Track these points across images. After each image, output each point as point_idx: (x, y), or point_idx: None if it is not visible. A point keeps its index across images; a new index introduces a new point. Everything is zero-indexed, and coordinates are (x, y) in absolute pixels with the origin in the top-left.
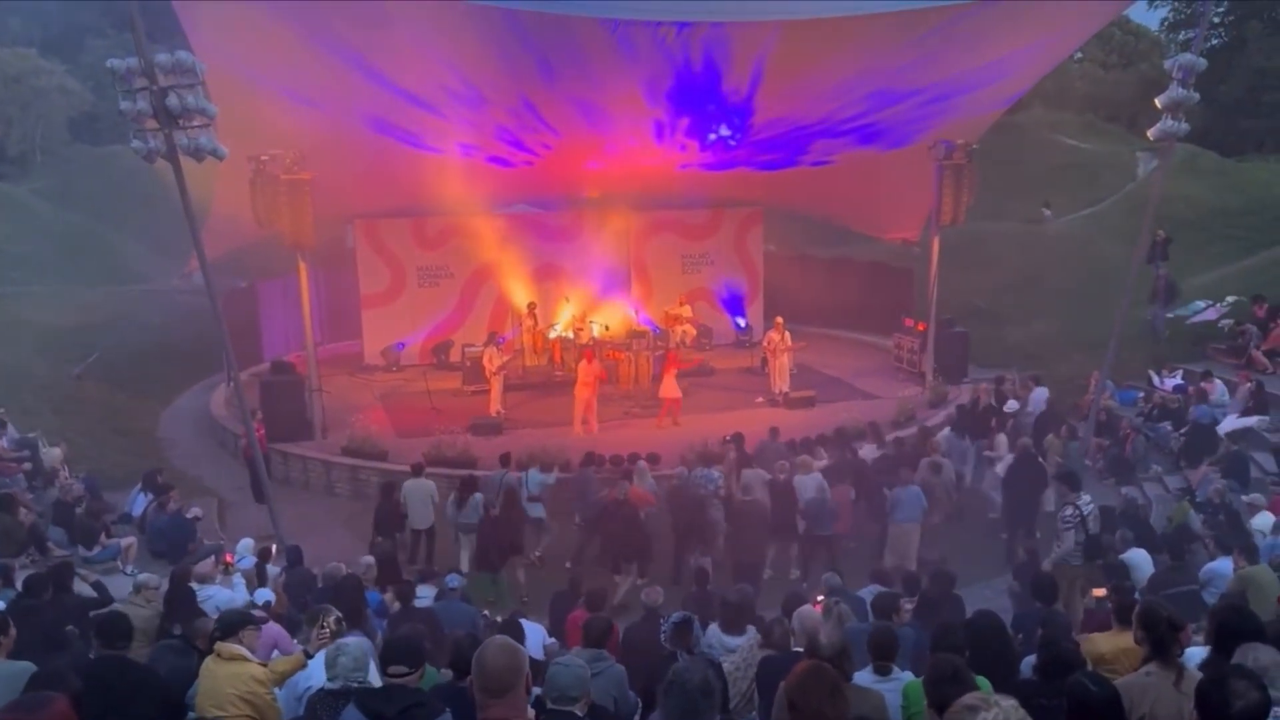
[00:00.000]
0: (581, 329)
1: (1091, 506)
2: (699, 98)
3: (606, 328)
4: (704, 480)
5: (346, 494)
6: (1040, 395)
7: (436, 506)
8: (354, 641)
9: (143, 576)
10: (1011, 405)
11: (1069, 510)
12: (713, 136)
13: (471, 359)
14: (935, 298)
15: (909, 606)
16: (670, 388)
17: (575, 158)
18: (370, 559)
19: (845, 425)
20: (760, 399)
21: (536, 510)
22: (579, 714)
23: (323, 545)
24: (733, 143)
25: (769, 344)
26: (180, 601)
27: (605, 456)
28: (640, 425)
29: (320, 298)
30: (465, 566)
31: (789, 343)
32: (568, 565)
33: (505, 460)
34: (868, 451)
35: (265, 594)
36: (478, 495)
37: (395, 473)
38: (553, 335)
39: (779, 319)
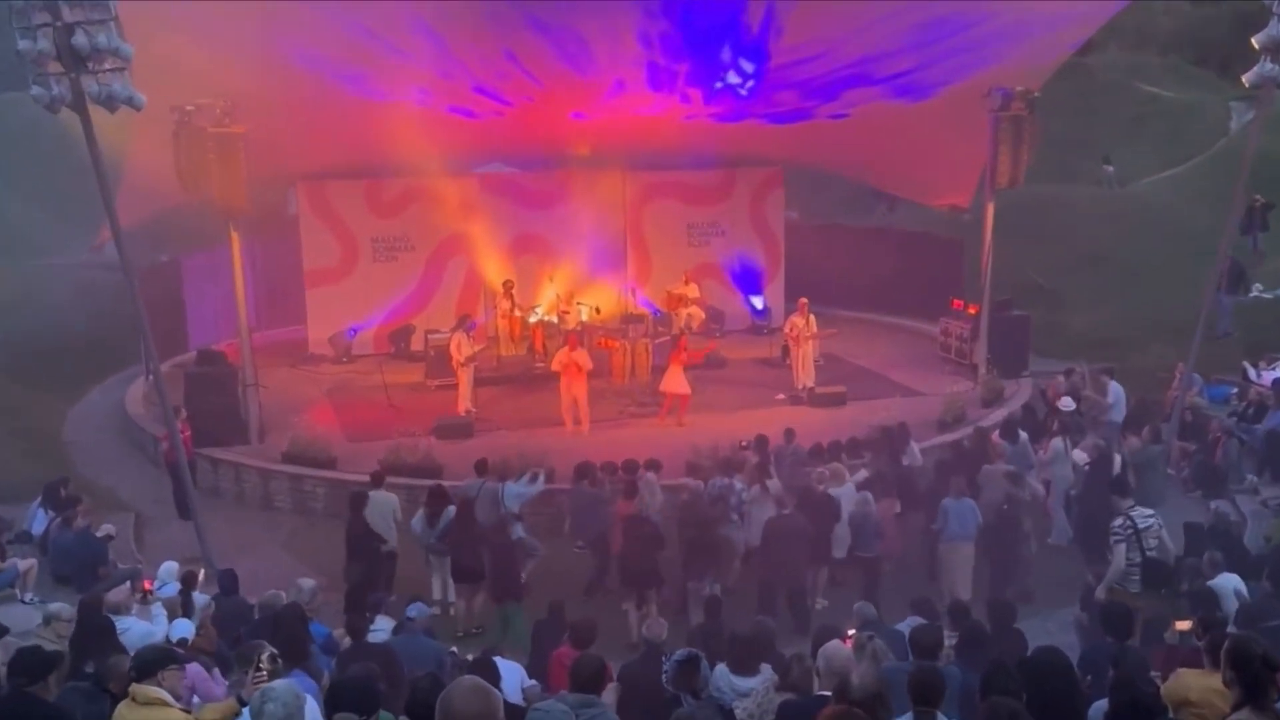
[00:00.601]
0: (567, 312)
1: (1151, 520)
2: (703, 33)
3: (597, 311)
4: (723, 492)
5: (288, 508)
6: (1118, 392)
7: (399, 525)
8: (283, 685)
9: (55, 606)
10: (1067, 404)
11: (1119, 521)
12: (719, 84)
13: (437, 348)
14: (990, 275)
15: (951, 642)
16: (677, 381)
17: (557, 107)
18: (312, 583)
19: (889, 426)
20: (781, 396)
21: (516, 530)
22: None
23: (259, 569)
24: (743, 91)
25: (791, 330)
26: (92, 635)
27: (597, 465)
28: (638, 426)
29: (256, 274)
30: (438, 594)
31: (815, 329)
32: (585, 598)
33: (483, 468)
34: (912, 457)
35: (186, 627)
36: (450, 510)
37: (348, 483)
38: (533, 320)
39: (803, 301)
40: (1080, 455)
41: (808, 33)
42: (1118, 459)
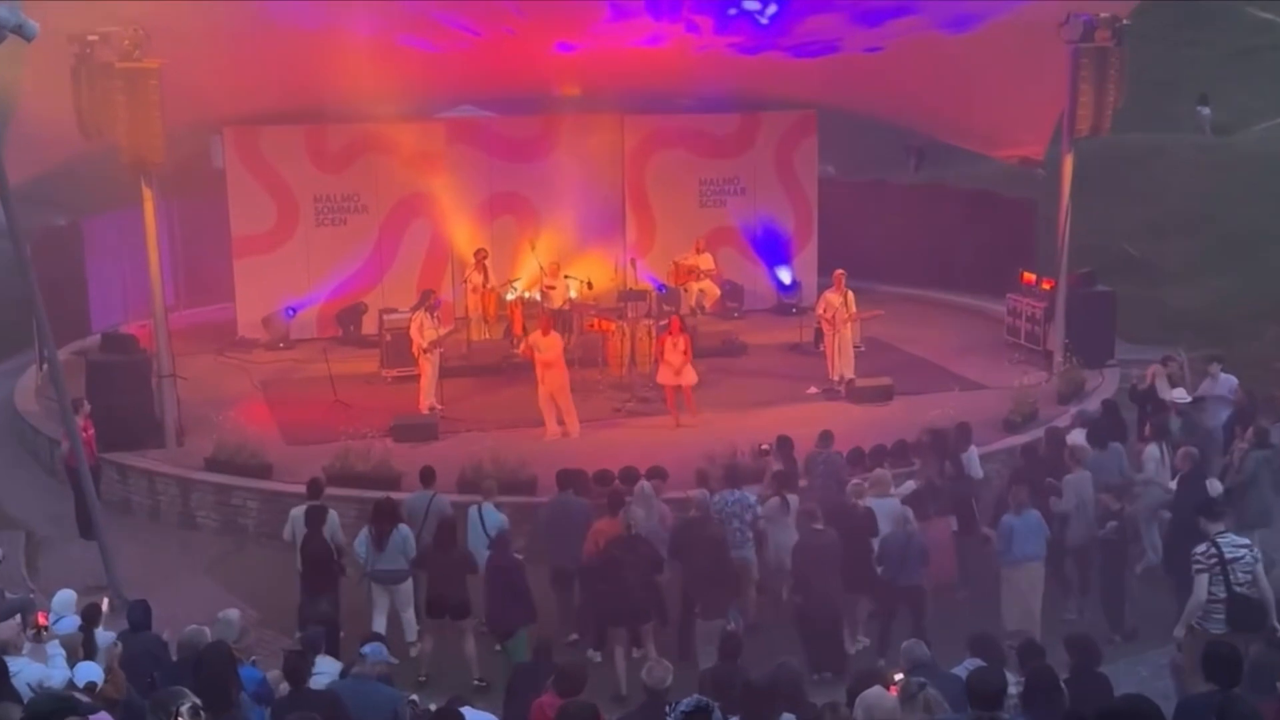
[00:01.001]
0: (553, 287)
1: (1244, 551)
2: None
3: (589, 286)
4: (734, 508)
5: (213, 526)
6: (1228, 384)
7: (341, 546)
8: None
9: None
10: (1179, 395)
11: (1202, 548)
12: (733, 10)
13: (394, 331)
14: (1067, 242)
15: (1018, 689)
16: (677, 370)
17: (539, 37)
18: (234, 615)
19: (939, 429)
20: (813, 389)
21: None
22: None
23: (178, 600)
24: (763, 19)
25: (826, 310)
26: None
27: (589, 474)
28: (639, 426)
29: (174, 241)
30: (382, 630)
31: (854, 308)
32: (573, 638)
33: (428, 477)
34: (973, 465)
35: (93, 670)
36: (403, 529)
37: (286, 495)
38: (511, 296)
39: (840, 273)
40: (1154, 457)
41: None
42: (1217, 470)
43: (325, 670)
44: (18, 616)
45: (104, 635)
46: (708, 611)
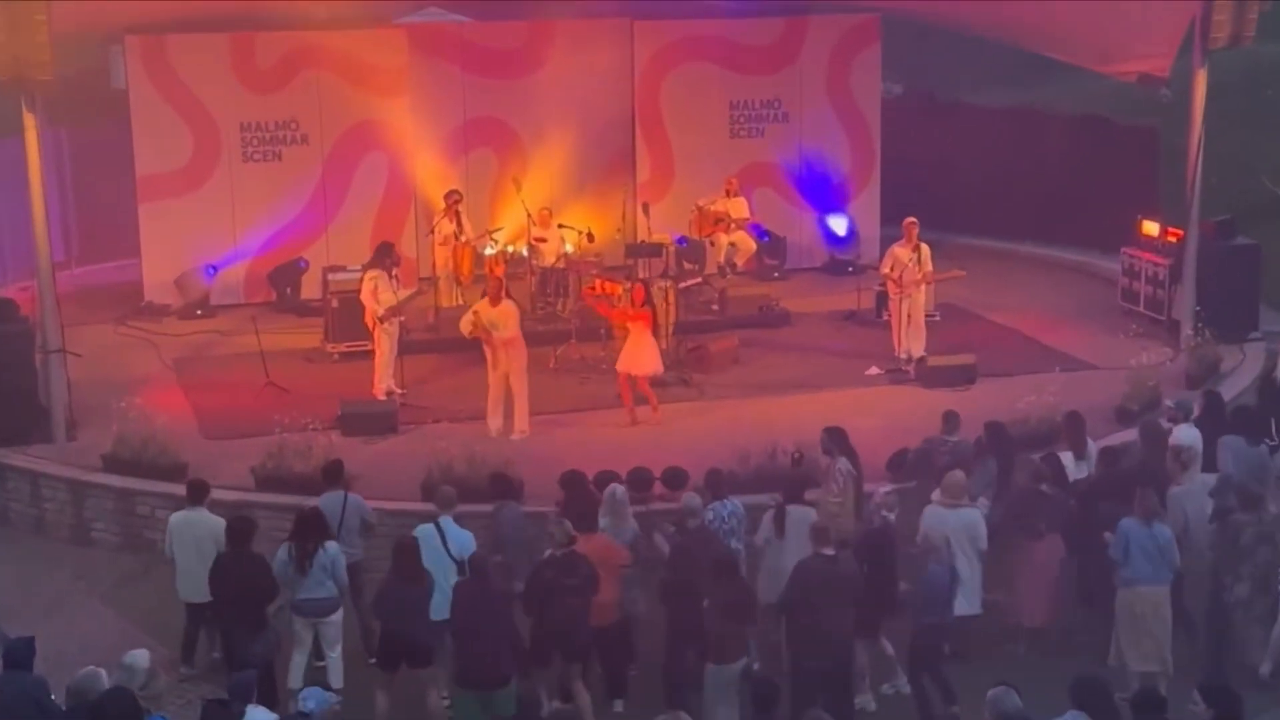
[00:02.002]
0: (544, 240)
1: None
2: None
3: (590, 238)
4: (730, 522)
5: (112, 541)
6: None
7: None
8: None
9: None
10: None
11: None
12: None
13: (342, 295)
14: (1200, 182)
15: None
16: (640, 354)
17: None
18: (140, 654)
19: (996, 428)
20: (874, 369)
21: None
22: None
23: (68, 634)
24: None
25: (894, 268)
26: None
27: (589, 476)
28: (651, 418)
29: (64, 181)
30: (296, 682)
31: (928, 266)
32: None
33: (333, 472)
34: (1071, 464)
35: None
36: (331, 547)
37: (228, 506)
38: (490, 252)
39: (912, 223)
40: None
41: None
42: None
43: None
44: None
45: None
46: (724, 652)
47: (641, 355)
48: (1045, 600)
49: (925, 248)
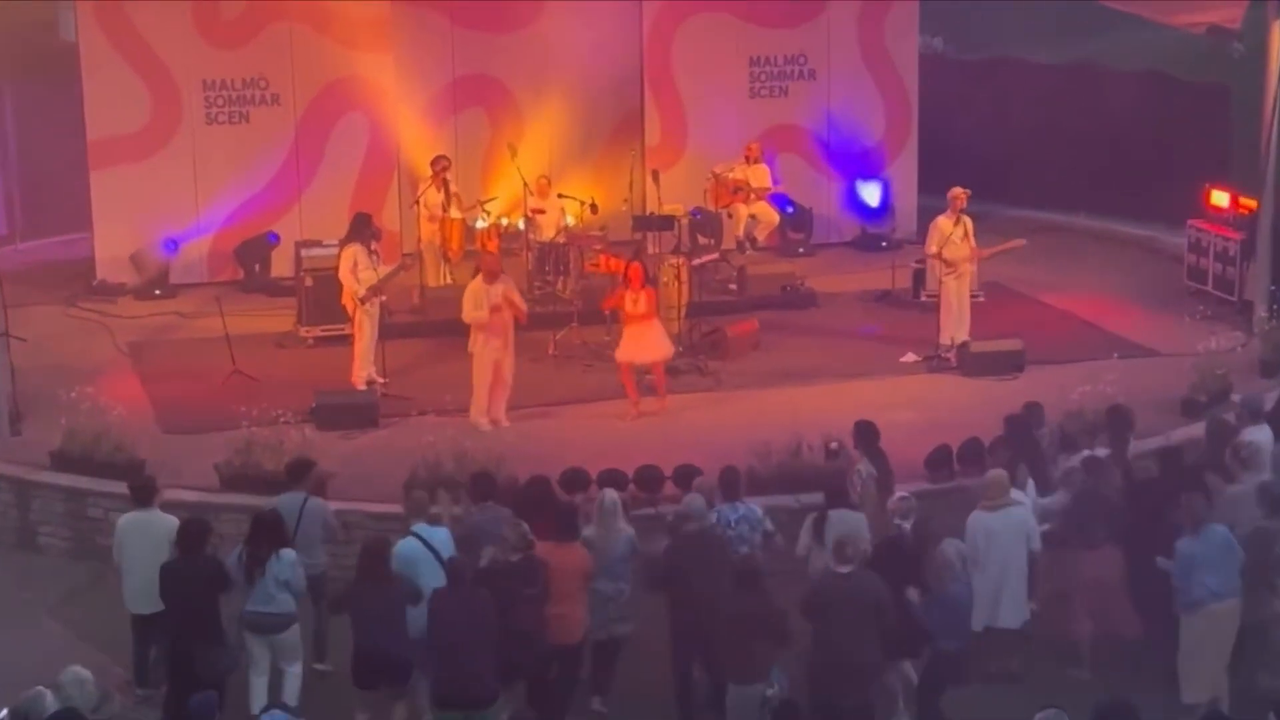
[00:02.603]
0: (542, 211)
1: None
2: None
3: (593, 209)
4: (740, 528)
5: (61, 546)
6: None
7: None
8: None
9: None
10: None
11: None
12: None
13: (317, 273)
14: (1276, 146)
15: None
16: (643, 340)
17: None
18: (82, 673)
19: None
20: (910, 356)
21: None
22: None
23: (12, 651)
24: None
25: (938, 241)
26: None
27: (591, 475)
28: (657, 410)
29: (8, 145)
30: (256, 707)
31: (974, 243)
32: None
33: (299, 470)
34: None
35: None
36: (287, 555)
37: (171, 506)
38: (482, 225)
39: (958, 192)
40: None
41: None
42: None
43: None
44: None
45: None
46: (740, 671)
47: (645, 341)
48: (1102, 615)
49: (968, 220)
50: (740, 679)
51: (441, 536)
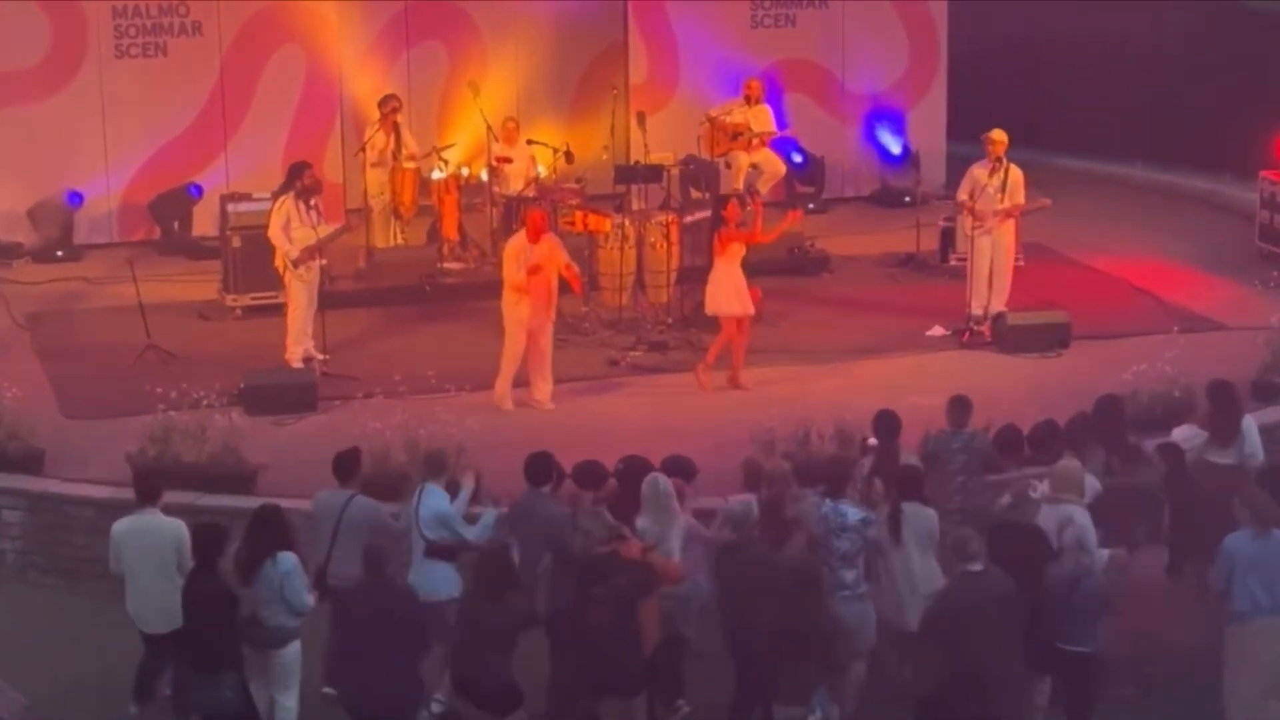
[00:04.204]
0: (509, 160)
1: None
2: None
3: (568, 158)
4: (824, 521)
5: None
6: None
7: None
8: None
9: None
10: None
11: None
12: None
13: (246, 232)
14: None
15: None
16: (729, 292)
17: None
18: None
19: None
20: (938, 329)
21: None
22: None
23: None
24: None
25: (975, 196)
26: None
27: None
28: (648, 390)
29: None
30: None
31: (1018, 197)
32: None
33: (346, 466)
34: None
35: None
36: (286, 560)
37: (69, 500)
38: (437, 176)
39: (998, 138)
40: None
41: None
42: None
43: None
44: None
45: None
46: (786, 690)
47: (733, 292)
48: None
49: (1016, 171)
50: (785, 698)
51: (435, 509)
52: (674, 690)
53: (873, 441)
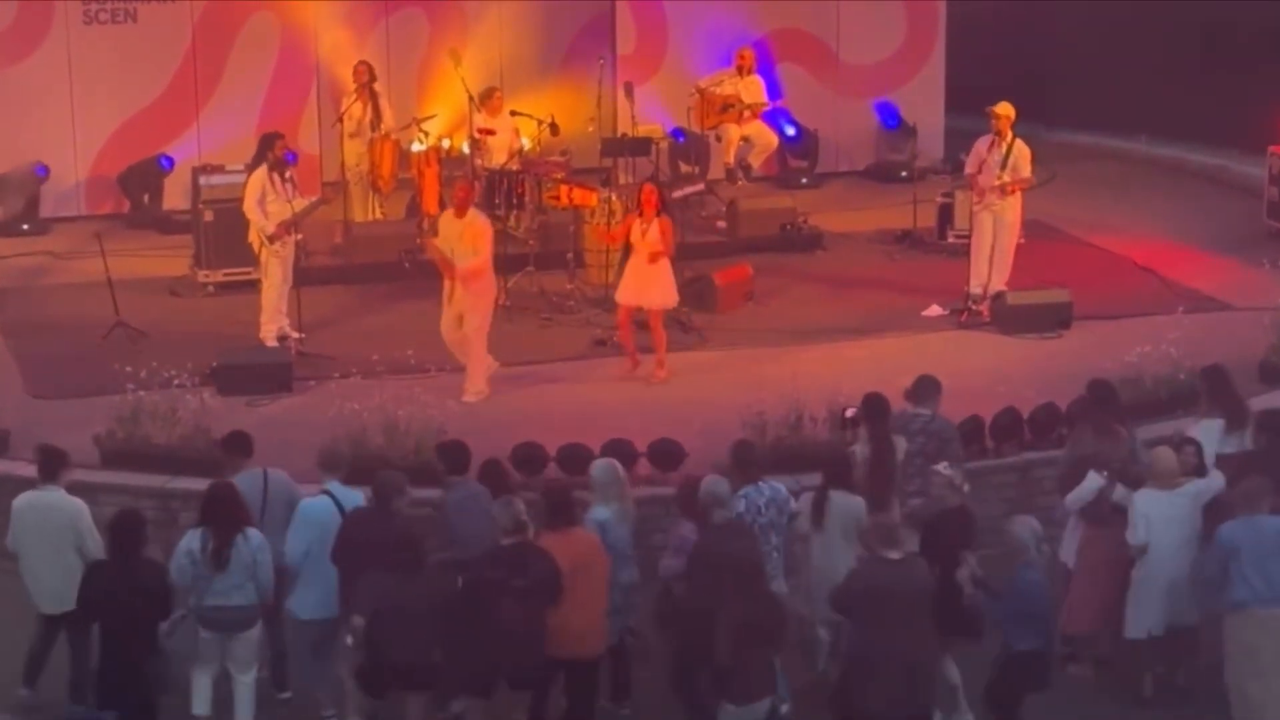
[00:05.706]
0: (491, 132)
1: None
2: None
3: (553, 130)
4: (769, 512)
5: None
6: None
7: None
8: None
9: None
10: None
11: None
12: None
13: (218, 205)
14: None
15: None
16: (650, 279)
17: None
18: None
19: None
20: (935, 309)
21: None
22: None
23: None
24: None
25: (978, 171)
26: None
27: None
28: (634, 373)
29: None
30: (203, 708)
31: (1024, 172)
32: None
33: (237, 445)
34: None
35: None
36: (254, 537)
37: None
38: (419, 147)
39: (1003, 113)
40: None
41: None
42: None
43: None
44: None
45: None
46: (744, 688)
47: (652, 280)
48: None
49: (1022, 147)
50: (740, 697)
51: (356, 499)
52: (627, 689)
53: (851, 412)
